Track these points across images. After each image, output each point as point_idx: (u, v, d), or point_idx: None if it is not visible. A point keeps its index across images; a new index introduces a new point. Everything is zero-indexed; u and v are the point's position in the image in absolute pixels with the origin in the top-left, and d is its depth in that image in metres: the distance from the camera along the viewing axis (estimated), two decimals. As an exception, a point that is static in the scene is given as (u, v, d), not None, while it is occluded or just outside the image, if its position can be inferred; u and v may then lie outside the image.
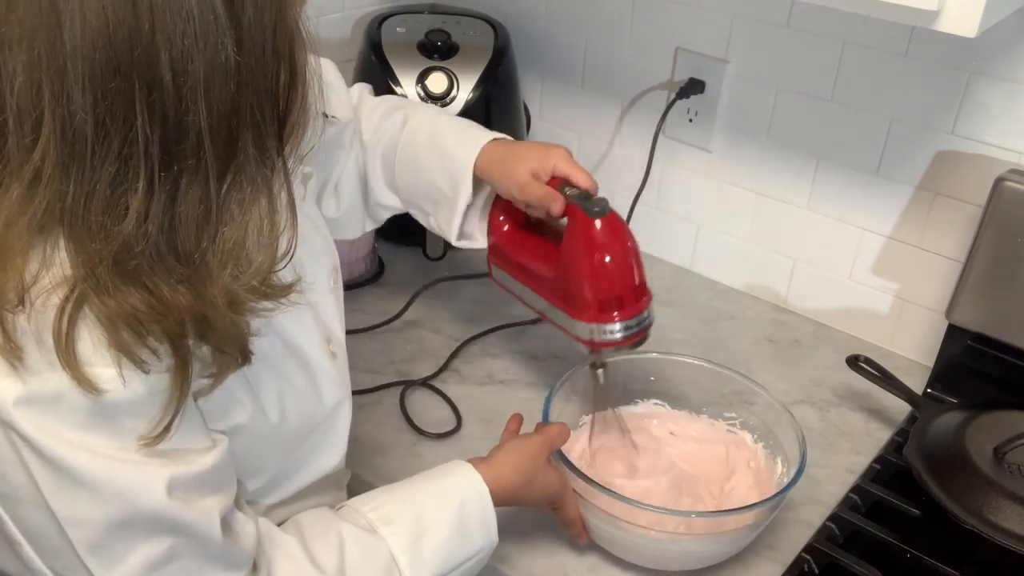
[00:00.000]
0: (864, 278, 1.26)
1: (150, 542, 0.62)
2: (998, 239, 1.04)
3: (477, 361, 1.20)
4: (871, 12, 0.80)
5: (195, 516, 0.63)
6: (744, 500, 0.93)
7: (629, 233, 0.94)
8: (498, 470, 0.84)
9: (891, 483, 1.02)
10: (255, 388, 0.70)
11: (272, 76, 0.57)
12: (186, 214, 0.56)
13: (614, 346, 0.94)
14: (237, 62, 0.55)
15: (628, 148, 1.41)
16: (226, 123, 0.56)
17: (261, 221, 0.59)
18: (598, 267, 0.91)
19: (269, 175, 0.59)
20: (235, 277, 0.58)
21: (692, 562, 0.91)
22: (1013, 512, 0.89)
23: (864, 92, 1.16)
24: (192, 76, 0.53)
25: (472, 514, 0.79)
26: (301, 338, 0.76)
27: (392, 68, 1.30)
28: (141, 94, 0.53)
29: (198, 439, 0.65)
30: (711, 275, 1.41)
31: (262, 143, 0.58)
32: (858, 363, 1.11)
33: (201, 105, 0.54)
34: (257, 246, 0.59)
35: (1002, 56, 1.04)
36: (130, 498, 0.60)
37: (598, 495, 0.85)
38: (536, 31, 1.44)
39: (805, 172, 1.26)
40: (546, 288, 0.98)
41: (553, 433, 0.89)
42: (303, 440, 0.79)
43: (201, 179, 0.56)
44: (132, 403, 0.58)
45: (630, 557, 0.91)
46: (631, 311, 0.93)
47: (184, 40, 0.52)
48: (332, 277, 0.85)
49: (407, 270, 1.39)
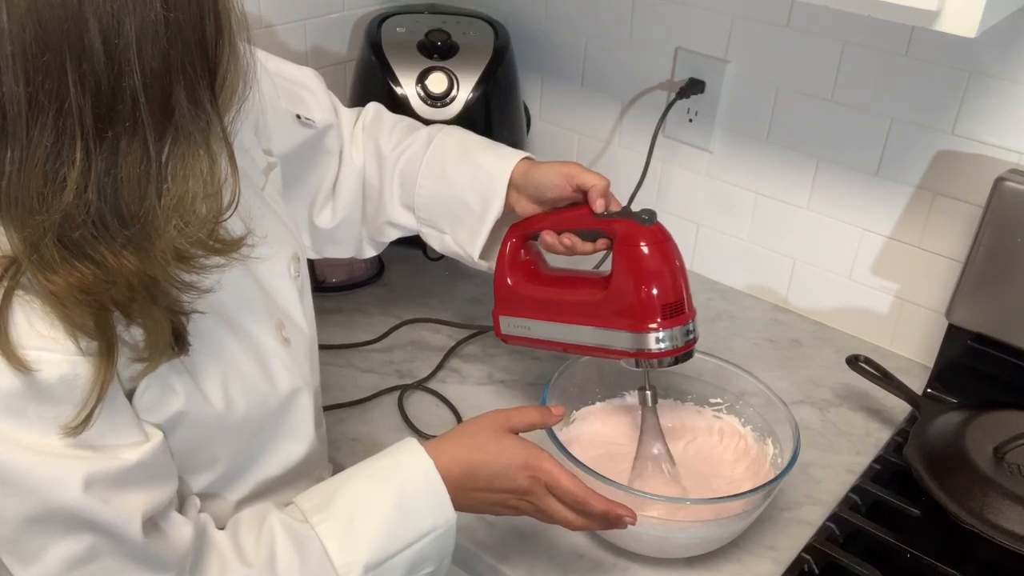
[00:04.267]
0: (864, 278, 1.26)
1: (68, 539, 0.61)
2: (998, 239, 1.04)
3: (477, 361, 1.20)
4: (871, 12, 0.80)
5: (113, 515, 0.62)
6: (740, 485, 0.95)
7: (675, 241, 0.95)
8: (444, 441, 0.80)
9: (891, 483, 1.02)
10: (193, 373, 0.69)
11: (199, 28, 0.58)
12: (128, 176, 0.56)
13: (686, 350, 0.93)
14: (165, 18, 0.55)
15: (628, 148, 1.41)
16: (159, 81, 0.56)
17: (202, 173, 0.59)
18: (665, 271, 0.92)
19: (205, 128, 0.60)
20: (180, 230, 0.59)
21: (693, 548, 0.92)
22: (1013, 512, 0.89)
23: (864, 92, 1.16)
24: (123, 38, 0.54)
25: (417, 492, 0.76)
26: (248, 321, 0.75)
27: (392, 68, 1.30)
28: (72, 65, 0.53)
29: (126, 434, 0.64)
30: (711, 275, 1.41)
31: (196, 96, 0.58)
32: (858, 363, 1.11)
33: (135, 66, 0.54)
34: (200, 198, 0.60)
35: (1002, 56, 1.04)
36: (44, 493, 0.59)
37: (596, 483, 0.85)
38: (536, 31, 1.44)
39: (805, 172, 1.26)
40: (587, 315, 0.96)
41: (514, 410, 0.83)
42: (258, 429, 0.77)
43: (139, 139, 0.56)
44: (60, 385, 0.58)
45: (635, 546, 0.92)
46: (692, 313, 0.93)
47: (113, 4, 0.53)
48: (292, 265, 0.84)
49: (407, 270, 1.39)
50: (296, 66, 1.03)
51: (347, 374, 1.16)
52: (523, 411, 0.84)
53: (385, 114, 1.10)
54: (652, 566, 0.92)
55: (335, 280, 1.34)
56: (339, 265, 1.33)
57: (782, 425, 0.97)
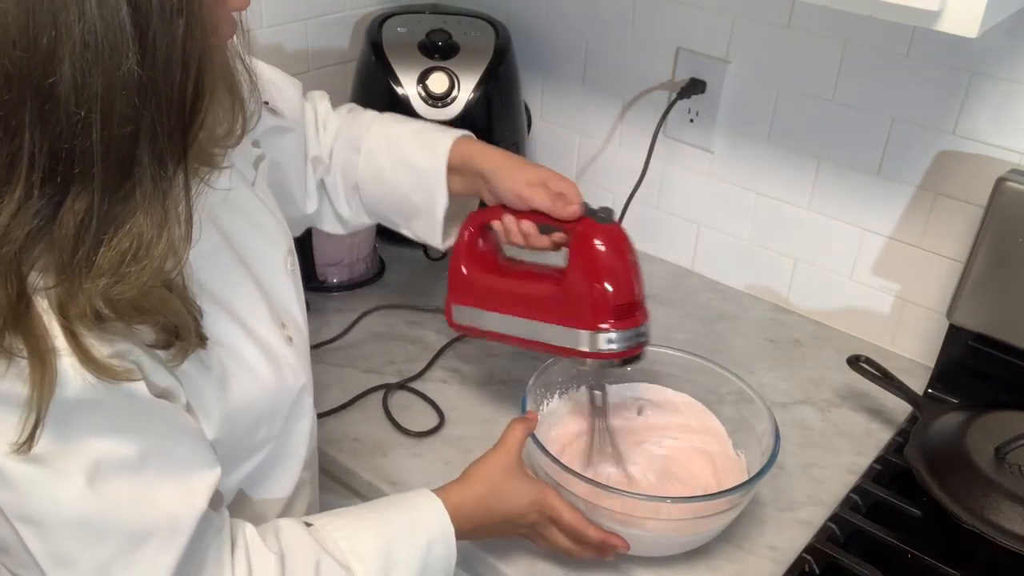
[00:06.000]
0: (865, 278, 1.26)
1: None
2: (999, 239, 1.04)
3: (477, 361, 1.20)
4: (872, 12, 0.80)
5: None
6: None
7: (632, 243, 0.94)
8: (466, 487, 0.85)
9: (892, 483, 1.02)
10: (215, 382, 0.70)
11: (176, 88, 0.55)
12: (67, 224, 0.54)
13: (635, 352, 0.92)
14: (139, 76, 0.52)
15: (629, 148, 1.41)
16: (122, 138, 0.53)
17: (148, 238, 0.56)
18: (620, 270, 0.91)
19: (165, 189, 0.57)
20: (108, 289, 0.56)
21: (670, 548, 0.92)
22: (1014, 512, 0.89)
23: (865, 92, 1.16)
24: (90, 90, 0.51)
25: (436, 557, 0.79)
26: (257, 325, 0.75)
27: (393, 68, 1.30)
28: (34, 106, 0.51)
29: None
30: (712, 275, 1.41)
31: (162, 156, 0.56)
32: (859, 363, 1.11)
33: (96, 118, 0.52)
34: (142, 257, 0.56)
35: (1003, 56, 1.04)
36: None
37: (572, 480, 0.86)
38: (537, 31, 1.44)
39: (806, 172, 1.26)
40: (540, 311, 0.96)
41: (509, 437, 0.89)
42: (271, 429, 0.79)
43: (89, 191, 0.54)
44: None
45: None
46: (644, 315, 0.93)
47: (85, 55, 0.50)
48: (288, 260, 0.85)
49: (408, 270, 1.39)
50: (282, 74, 1.02)
51: (348, 374, 1.16)
52: (514, 435, 0.89)
53: (335, 115, 1.08)
54: (652, 566, 0.92)
55: (335, 280, 1.34)
56: (339, 265, 1.33)
57: (762, 423, 0.96)
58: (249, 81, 0.71)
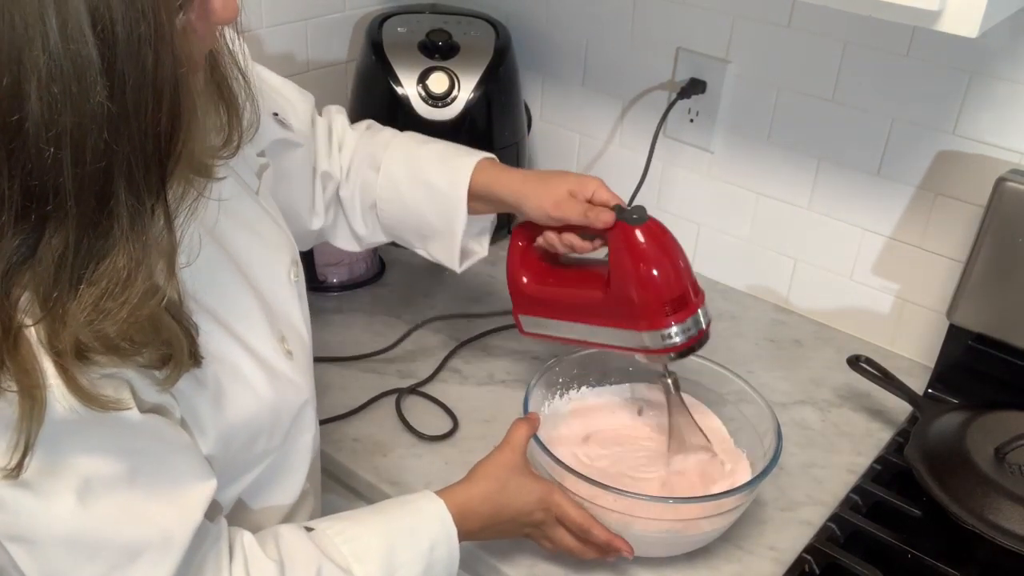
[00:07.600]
0: (865, 278, 1.26)
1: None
2: (999, 239, 1.04)
3: (477, 361, 1.20)
4: (872, 12, 0.80)
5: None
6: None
7: (671, 233, 0.95)
8: (472, 485, 0.85)
9: (892, 483, 1.02)
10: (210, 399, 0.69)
11: (150, 119, 0.53)
12: (46, 260, 0.53)
13: (700, 338, 0.94)
14: (108, 110, 0.50)
15: (629, 148, 1.41)
16: (95, 174, 0.52)
17: (126, 271, 0.55)
18: (663, 267, 0.92)
19: (146, 222, 0.55)
20: (90, 323, 0.55)
21: (672, 548, 0.92)
22: (1014, 512, 0.89)
23: (865, 92, 1.16)
24: (59, 126, 0.50)
25: (439, 559, 0.79)
26: (253, 340, 0.75)
27: (393, 68, 1.30)
28: (2, 143, 0.50)
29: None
30: (712, 275, 1.41)
31: (138, 190, 0.54)
32: (859, 363, 1.11)
33: (67, 154, 0.50)
34: (119, 294, 0.55)
35: (1003, 56, 1.04)
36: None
37: (575, 480, 0.86)
38: (537, 31, 1.44)
39: (806, 172, 1.26)
40: (599, 316, 0.97)
41: (513, 437, 0.89)
42: (269, 444, 0.78)
43: (66, 228, 0.53)
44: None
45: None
46: (700, 299, 0.94)
47: (51, 89, 0.49)
48: (292, 271, 0.84)
49: (408, 270, 1.39)
50: (294, 86, 1.01)
51: (348, 375, 1.16)
52: (518, 434, 0.89)
53: (353, 132, 1.07)
54: (652, 566, 0.92)
55: (335, 280, 1.34)
56: (339, 265, 1.33)
57: (763, 423, 0.96)
58: (246, 89, 0.70)
